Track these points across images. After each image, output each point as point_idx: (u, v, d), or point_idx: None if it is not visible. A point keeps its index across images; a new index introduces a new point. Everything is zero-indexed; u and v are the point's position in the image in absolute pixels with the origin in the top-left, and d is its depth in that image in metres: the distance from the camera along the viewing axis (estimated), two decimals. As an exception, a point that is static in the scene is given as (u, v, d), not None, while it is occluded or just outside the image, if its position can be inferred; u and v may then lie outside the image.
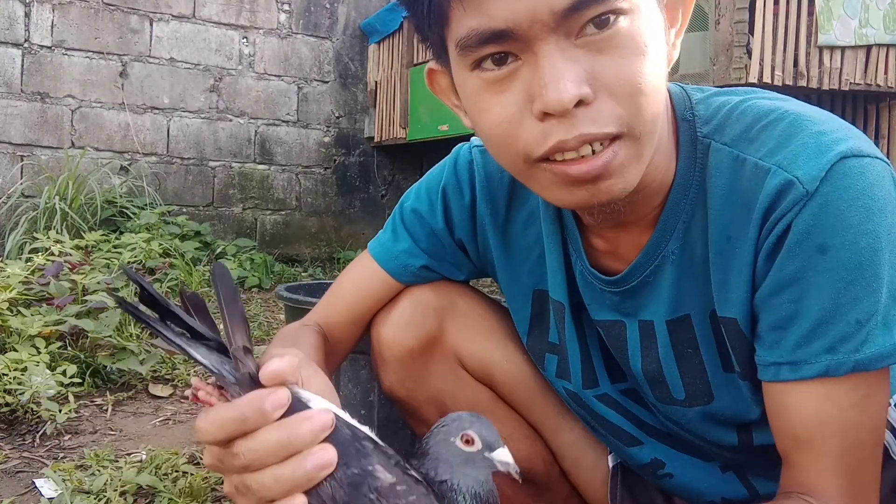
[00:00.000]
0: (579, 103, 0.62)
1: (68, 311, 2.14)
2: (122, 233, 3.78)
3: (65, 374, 1.87)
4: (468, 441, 0.66)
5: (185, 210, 4.71)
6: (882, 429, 0.72)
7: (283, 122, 5.12)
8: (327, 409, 0.62)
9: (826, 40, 3.20)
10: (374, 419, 1.54)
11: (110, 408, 1.96)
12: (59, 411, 1.74)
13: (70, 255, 2.67)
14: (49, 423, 1.73)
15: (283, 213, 5.17)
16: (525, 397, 1.06)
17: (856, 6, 3.25)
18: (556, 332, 0.96)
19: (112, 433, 1.80)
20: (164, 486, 1.42)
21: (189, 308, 0.65)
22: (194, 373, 2.26)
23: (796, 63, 3.18)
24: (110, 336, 2.12)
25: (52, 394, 1.77)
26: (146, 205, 4.33)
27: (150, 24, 4.65)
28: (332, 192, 5.35)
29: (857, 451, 0.69)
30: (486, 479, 0.66)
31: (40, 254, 2.60)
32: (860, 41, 3.27)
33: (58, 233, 3.37)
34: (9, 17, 4.25)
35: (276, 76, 5.08)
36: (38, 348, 1.96)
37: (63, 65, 4.41)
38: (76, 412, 1.85)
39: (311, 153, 5.24)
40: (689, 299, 0.81)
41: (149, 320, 0.61)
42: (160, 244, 3.49)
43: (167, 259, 3.47)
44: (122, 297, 0.64)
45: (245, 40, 4.96)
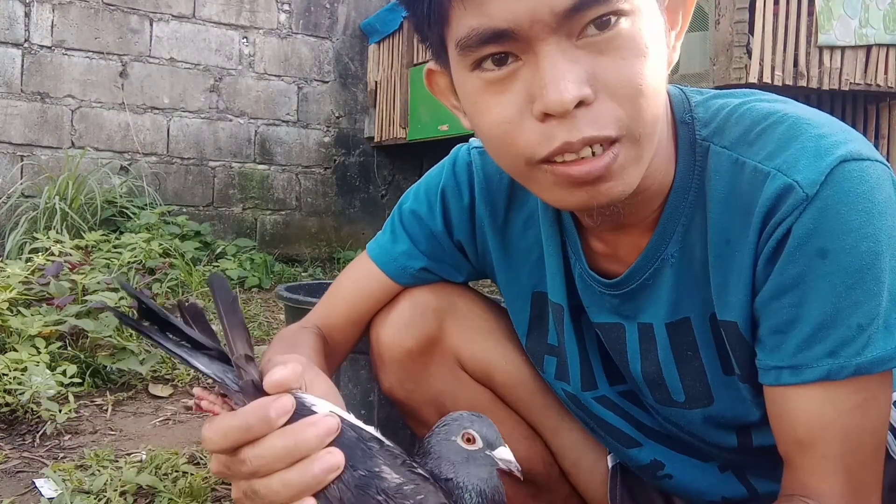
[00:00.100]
0: (580, 104, 0.62)
1: (68, 311, 2.14)
2: (122, 233, 3.78)
3: (65, 374, 1.87)
4: (469, 440, 0.66)
5: (185, 210, 4.71)
6: (883, 431, 0.72)
7: (283, 122, 5.12)
8: (332, 412, 0.63)
9: (826, 40, 3.20)
10: (374, 419, 1.54)
11: (110, 408, 1.96)
12: (59, 411, 1.73)
13: (70, 255, 2.67)
14: (49, 423, 1.73)
15: (283, 213, 5.16)
16: (524, 398, 1.06)
17: (856, 6, 3.25)
18: (556, 334, 0.95)
19: (112, 433, 1.80)
20: (164, 486, 1.42)
21: (188, 318, 0.65)
22: (195, 375, 2.26)
23: (796, 63, 3.18)
24: (110, 336, 2.12)
25: (52, 394, 1.77)
26: (146, 205, 4.33)
27: (150, 24, 4.65)
28: (332, 192, 5.35)
29: (858, 453, 0.69)
30: (491, 477, 0.66)
31: (40, 254, 2.60)
32: (860, 41, 3.27)
33: (58, 233, 3.37)
34: (9, 17, 4.25)
35: (276, 76, 5.08)
36: (38, 348, 1.96)
37: (63, 65, 4.41)
38: (76, 412, 1.85)
39: (311, 153, 5.24)
40: (689, 302, 0.81)
41: (149, 332, 0.61)
42: (160, 244, 3.48)
43: (167, 259, 3.47)
44: (122, 312, 0.64)
45: (245, 40, 4.96)
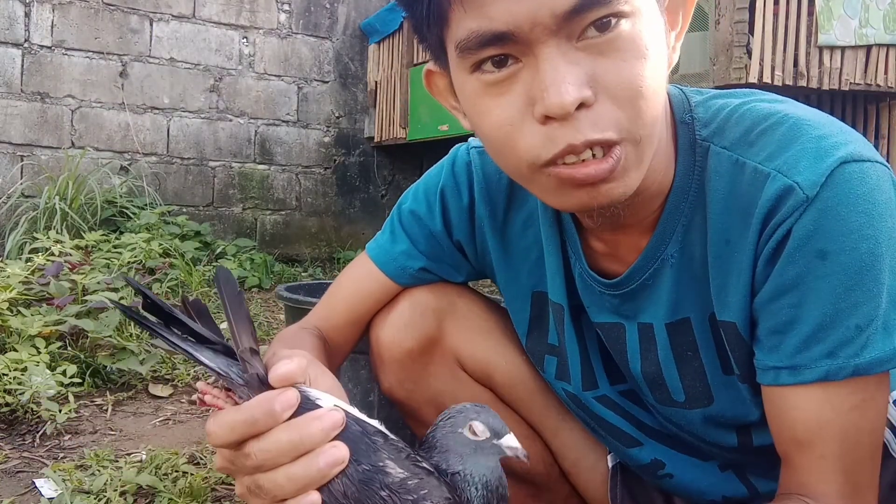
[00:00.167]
0: (580, 106, 0.62)
1: (68, 311, 2.14)
2: (122, 233, 3.78)
3: (65, 374, 1.87)
4: (476, 431, 0.66)
5: (185, 210, 4.71)
6: (881, 431, 0.72)
7: (283, 122, 5.12)
8: (337, 406, 0.63)
9: (826, 40, 3.20)
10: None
11: (110, 408, 1.96)
12: (59, 411, 1.73)
13: (70, 255, 2.67)
14: (49, 423, 1.73)
15: (283, 213, 5.16)
16: (525, 398, 1.06)
17: (856, 6, 3.25)
18: (556, 334, 0.96)
19: (112, 433, 1.80)
20: (164, 486, 1.42)
21: (191, 313, 0.65)
22: (195, 374, 2.26)
23: (796, 63, 3.18)
24: (110, 336, 2.12)
25: (52, 394, 1.77)
26: (146, 205, 4.33)
27: (150, 24, 4.65)
28: (332, 192, 5.35)
29: (856, 452, 0.69)
30: (496, 466, 0.66)
31: (40, 254, 2.60)
32: (860, 41, 3.27)
33: (58, 233, 3.37)
34: (9, 17, 4.25)
35: (276, 76, 5.08)
36: (38, 348, 1.96)
37: (63, 65, 4.41)
38: (76, 412, 1.85)
39: (311, 153, 5.24)
40: (689, 302, 0.81)
41: (154, 327, 0.62)
42: (160, 244, 3.49)
43: (167, 259, 3.47)
44: (126, 306, 0.65)
45: (245, 40, 4.96)
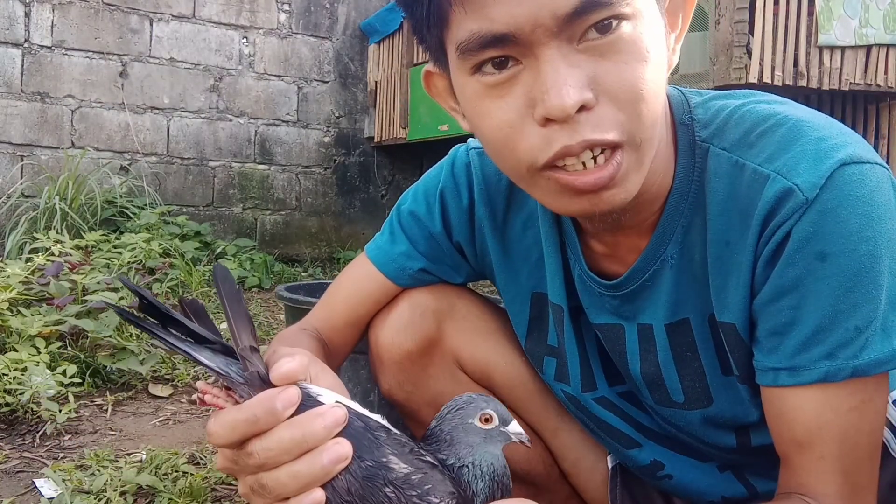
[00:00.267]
0: (581, 108, 0.62)
1: (68, 311, 2.14)
2: (122, 233, 3.78)
3: (65, 374, 1.87)
4: (487, 419, 0.67)
5: (185, 210, 4.71)
6: (880, 431, 0.72)
7: (283, 122, 5.12)
8: (339, 403, 0.63)
9: (826, 40, 3.20)
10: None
11: (110, 408, 1.96)
12: (59, 411, 1.73)
13: (70, 255, 2.67)
14: (49, 423, 1.73)
15: (283, 213, 5.16)
16: (524, 399, 1.06)
17: (856, 6, 3.25)
18: (555, 336, 0.96)
19: (112, 433, 1.80)
20: (164, 486, 1.42)
21: (189, 314, 0.65)
22: (195, 374, 2.26)
23: (796, 63, 3.18)
24: (110, 336, 2.12)
25: (52, 394, 1.77)
26: (146, 205, 4.33)
27: (150, 24, 4.65)
28: (332, 192, 5.35)
29: (855, 453, 0.69)
30: (501, 455, 0.67)
31: (40, 254, 2.60)
32: (860, 41, 3.27)
33: (58, 233, 3.37)
34: (9, 17, 4.25)
35: (276, 76, 5.07)
36: (38, 348, 1.96)
37: (63, 65, 4.41)
38: (76, 412, 1.85)
39: (311, 153, 5.24)
40: (688, 303, 0.81)
41: (152, 328, 0.61)
42: (160, 244, 3.48)
43: (167, 259, 3.47)
44: (123, 308, 0.64)
45: (245, 40, 4.96)
